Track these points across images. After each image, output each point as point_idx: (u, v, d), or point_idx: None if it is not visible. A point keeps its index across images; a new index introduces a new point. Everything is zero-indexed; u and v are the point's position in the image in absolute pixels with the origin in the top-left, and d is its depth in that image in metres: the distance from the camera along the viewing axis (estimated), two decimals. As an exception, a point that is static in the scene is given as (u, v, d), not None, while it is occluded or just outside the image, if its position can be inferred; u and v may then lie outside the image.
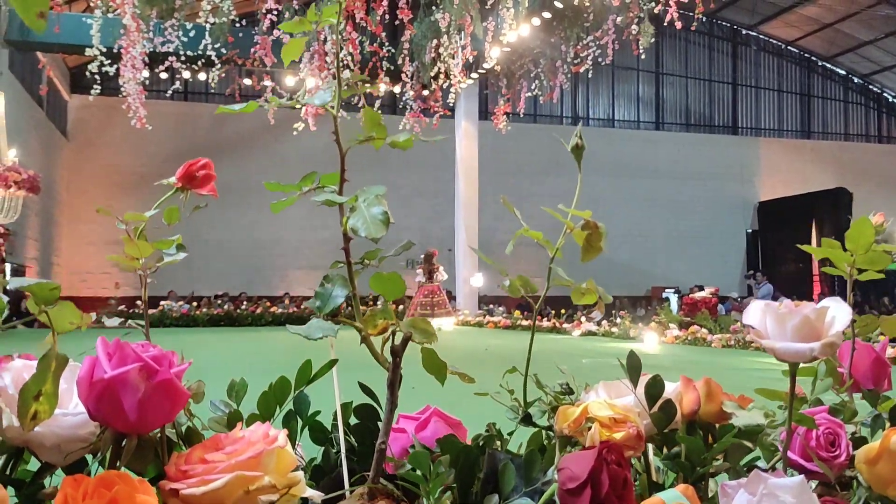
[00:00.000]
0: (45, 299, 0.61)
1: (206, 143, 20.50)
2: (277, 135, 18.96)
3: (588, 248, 0.87)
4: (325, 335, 0.76)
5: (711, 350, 7.04)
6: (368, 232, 0.77)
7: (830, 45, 24.79)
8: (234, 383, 0.88)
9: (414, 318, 0.83)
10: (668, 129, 25.12)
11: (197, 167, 0.81)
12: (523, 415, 0.93)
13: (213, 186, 0.83)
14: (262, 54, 11.75)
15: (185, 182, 0.81)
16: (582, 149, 0.96)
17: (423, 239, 22.00)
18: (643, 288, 22.88)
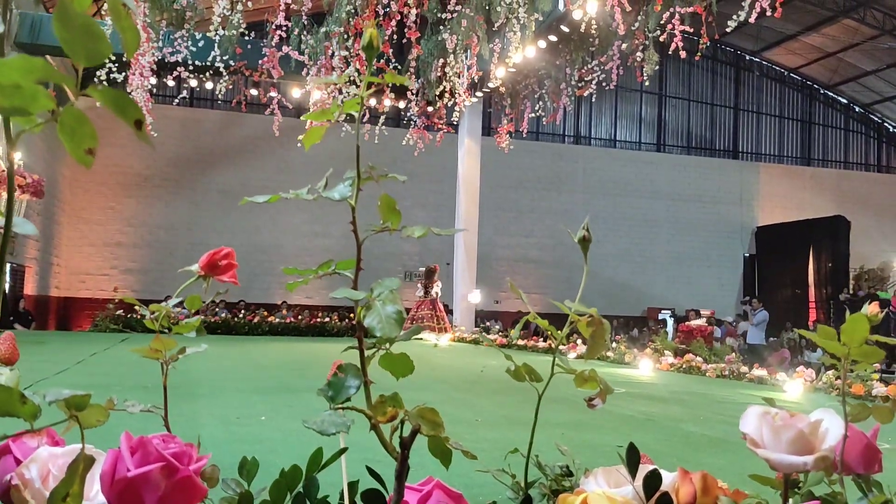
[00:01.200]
0: (77, 406, 0.64)
1: (210, 148, 20.57)
2: (283, 141, 19.00)
3: (593, 344, 0.90)
4: (338, 431, 0.78)
5: (706, 380, 7.05)
6: (384, 332, 0.80)
7: (833, 74, 24.95)
8: (245, 462, 0.90)
9: (422, 409, 0.86)
10: (669, 151, 25.22)
11: (220, 256, 0.84)
12: (524, 497, 0.96)
13: (234, 273, 0.86)
14: (270, 67, 11.82)
15: (207, 270, 0.84)
16: (589, 241, 0.99)
17: (423, 252, 22.04)
18: (639, 308, 22.92)
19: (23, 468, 0.72)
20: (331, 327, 14.29)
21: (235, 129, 20.68)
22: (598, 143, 24.74)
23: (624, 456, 0.89)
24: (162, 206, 20.32)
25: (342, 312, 15.84)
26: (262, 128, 19.72)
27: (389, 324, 0.79)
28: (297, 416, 3.26)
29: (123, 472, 0.69)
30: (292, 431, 2.67)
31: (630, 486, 0.90)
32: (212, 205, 20.18)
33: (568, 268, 22.83)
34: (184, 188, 20.43)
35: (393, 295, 0.84)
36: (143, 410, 0.80)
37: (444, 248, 21.47)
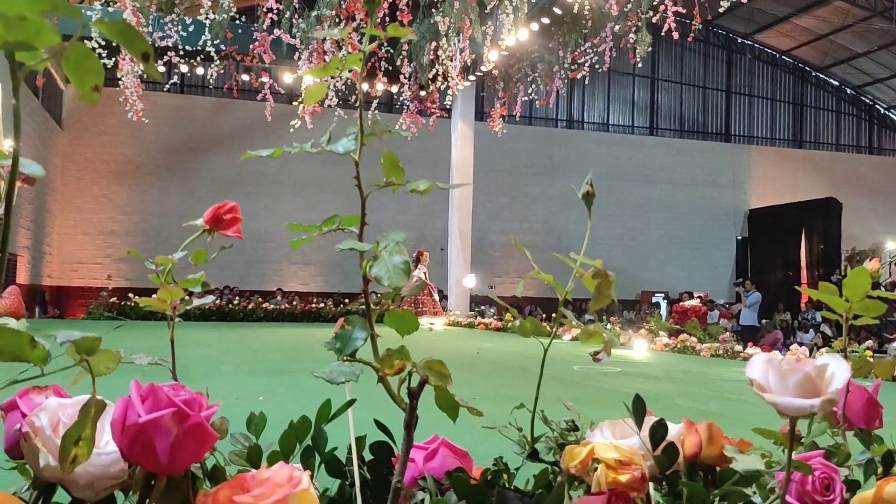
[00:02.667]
0: (88, 350, 0.64)
1: (202, 135, 20.46)
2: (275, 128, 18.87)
3: (598, 296, 0.90)
4: (347, 380, 0.78)
5: (700, 359, 7.09)
6: (391, 282, 0.80)
7: (824, 56, 24.95)
8: (254, 416, 0.90)
9: (430, 361, 0.86)
10: (661, 135, 25.22)
11: (224, 210, 0.83)
12: (530, 451, 0.96)
13: (238, 228, 0.85)
14: (261, 51, 11.74)
15: (212, 224, 0.83)
16: (592, 196, 0.99)
17: (418, 237, 22.01)
18: (633, 292, 22.99)
19: (32, 417, 0.71)
20: (325, 313, 14.29)
21: (227, 115, 20.57)
22: (590, 127, 24.72)
23: (632, 407, 0.89)
24: (155, 194, 20.23)
25: (336, 298, 15.85)
26: (253, 114, 19.60)
27: (396, 273, 0.79)
28: (293, 395, 3.26)
29: (134, 419, 0.69)
30: (289, 410, 2.68)
31: (636, 436, 0.90)
32: (205, 192, 20.09)
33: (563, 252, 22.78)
34: (176, 175, 20.33)
35: (399, 247, 0.84)
36: (150, 363, 0.80)
37: (439, 233, 21.46)
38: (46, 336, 0.62)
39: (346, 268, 21.42)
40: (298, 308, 14.30)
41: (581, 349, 8.69)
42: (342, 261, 21.46)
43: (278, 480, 0.73)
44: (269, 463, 0.83)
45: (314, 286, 21.20)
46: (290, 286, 20.48)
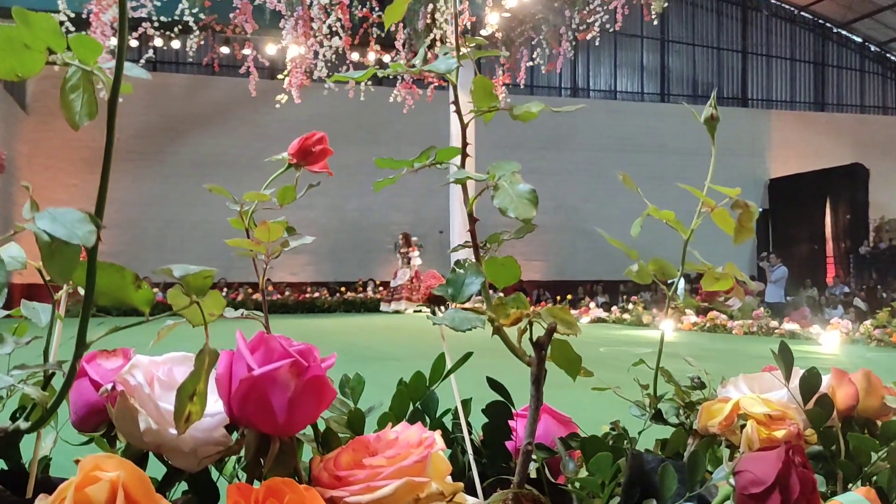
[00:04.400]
0: (199, 289, 0.58)
1: (179, 115, 20.30)
2: (258, 106, 18.79)
3: (741, 229, 0.85)
4: (473, 327, 0.74)
5: (733, 337, 7.08)
6: (518, 212, 0.75)
7: (846, 11, 24.83)
8: (348, 379, 0.86)
9: (553, 307, 0.81)
10: (674, 101, 25.11)
11: (312, 141, 0.78)
12: (654, 411, 0.92)
13: (326, 164, 0.80)
14: (243, 20, 11.60)
15: (299, 158, 0.78)
16: (716, 120, 0.94)
17: (415, 220, 21.96)
18: (647, 271, 23.02)
19: (126, 375, 0.66)
20: (321, 303, 14.27)
21: (206, 93, 20.40)
22: (597, 95, 24.61)
23: (778, 354, 0.84)
24: (129, 182, 20.09)
25: (332, 287, 15.81)
26: (235, 91, 19.45)
27: (523, 204, 0.74)
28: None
29: (245, 372, 0.64)
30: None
31: (785, 388, 0.85)
32: (184, 178, 19.97)
33: (572, 232, 22.84)
34: (152, 161, 20.19)
35: (517, 176, 0.79)
36: (242, 317, 0.75)
37: (438, 215, 21.39)
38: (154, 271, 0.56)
39: (338, 255, 21.36)
40: (291, 299, 14.27)
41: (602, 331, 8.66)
42: (334, 248, 21.41)
43: (409, 441, 0.68)
44: (379, 427, 0.78)
45: (305, 276, 21.14)
46: (279, 276, 20.43)
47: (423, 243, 22.33)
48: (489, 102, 0.89)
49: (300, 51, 12.55)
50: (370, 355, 5.45)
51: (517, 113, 0.85)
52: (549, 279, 21.77)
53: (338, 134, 17.93)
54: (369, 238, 21.44)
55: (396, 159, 0.88)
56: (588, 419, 1.10)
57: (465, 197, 0.86)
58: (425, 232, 22.23)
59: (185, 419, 0.59)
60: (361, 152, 20.73)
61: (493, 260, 0.91)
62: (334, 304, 14.33)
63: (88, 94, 0.57)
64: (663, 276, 0.91)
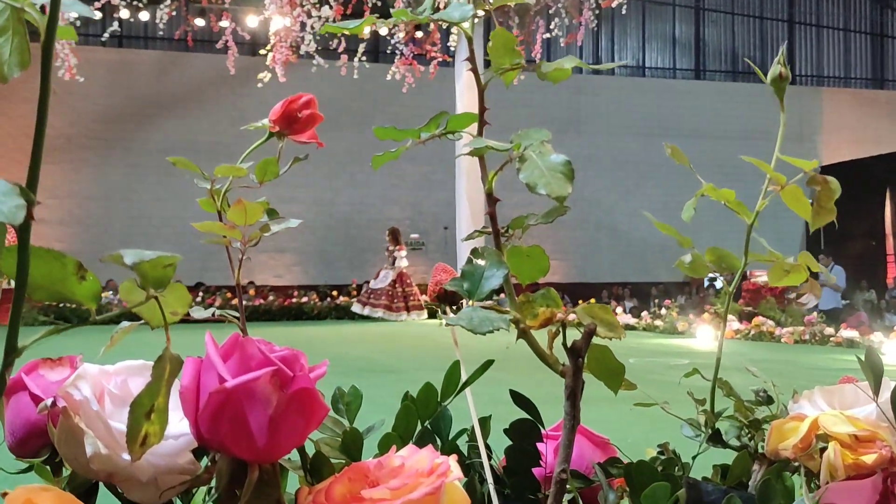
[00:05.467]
0: (158, 280, 0.53)
1: (146, 96, 20.30)
2: (235, 87, 18.80)
3: (819, 210, 0.80)
4: (494, 328, 0.69)
5: (782, 346, 7.03)
6: (550, 189, 0.70)
7: (908, -25, 24.75)
8: (343, 393, 0.81)
9: (591, 306, 0.76)
10: (710, 79, 25.05)
11: (298, 105, 0.73)
12: (711, 432, 0.87)
13: (315, 133, 0.75)
14: (220, -13, 11.59)
15: (282, 125, 0.73)
16: (786, 80, 0.89)
17: (415, 216, 21.96)
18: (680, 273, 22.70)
19: (69, 388, 0.61)
20: (309, 309, 14.25)
21: (178, 72, 20.40)
22: (623, 72, 24.55)
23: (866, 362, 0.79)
24: (91, 173, 20.12)
25: (322, 290, 15.78)
26: (210, 70, 19.44)
27: (556, 178, 0.69)
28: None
29: (216, 384, 0.59)
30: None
31: (873, 403, 0.80)
32: (153, 168, 19.98)
33: (593, 227, 22.80)
34: (117, 149, 20.21)
35: (548, 146, 0.74)
36: (214, 318, 0.70)
37: (441, 209, 21.36)
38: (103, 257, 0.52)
39: (327, 256, 21.38)
40: (276, 304, 14.26)
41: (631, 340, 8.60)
42: (323, 248, 21.42)
43: (417, 468, 0.63)
44: (381, 451, 0.73)
45: (290, 278, 21.15)
46: (262, 279, 20.43)
47: (424, 241, 22.39)
48: (511, 59, 0.84)
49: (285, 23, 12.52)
50: (365, 367, 5.42)
51: (546, 71, 0.80)
52: (568, 281, 21.72)
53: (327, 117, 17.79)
54: (363, 236, 21.40)
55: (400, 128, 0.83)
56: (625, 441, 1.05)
57: (483, 174, 0.81)
58: (427, 228, 22.23)
59: (140, 442, 0.54)
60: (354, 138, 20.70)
61: (517, 250, 0.87)
62: (324, 309, 14.30)
63: (19, 37, 0.52)
64: (723, 268, 0.86)
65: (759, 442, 0.86)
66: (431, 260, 21.73)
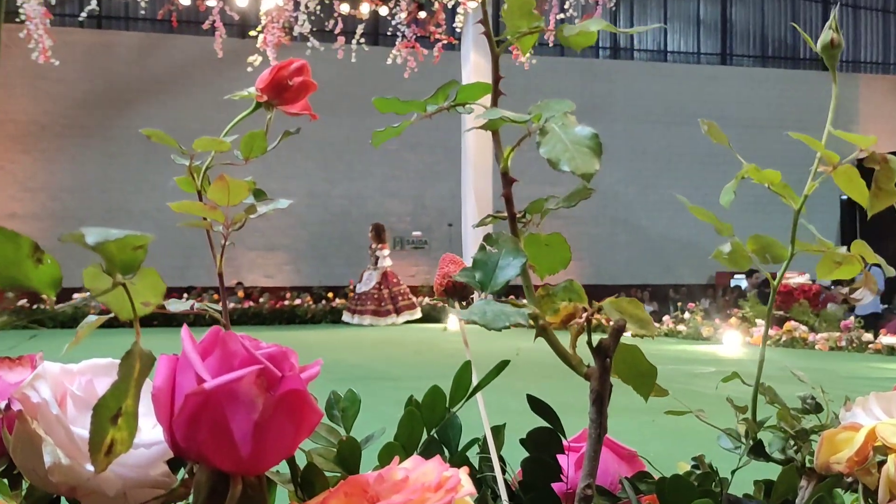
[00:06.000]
0: (126, 265, 0.50)
1: (127, 81, 20.32)
2: (222, 70, 18.75)
3: (878, 193, 0.76)
4: (511, 323, 0.66)
5: (816, 354, 7.00)
6: (575, 165, 0.67)
7: (953, -49, 24.67)
8: (338, 398, 0.78)
9: (620, 300, 0.73)
10: (737, 63, 25.00)
11: (289, 71, 0.70)
12: (753, 443, 0.84)
13: (307, 104, 0.72)
14: (207, -38, 11.58)
15: (271, 94, 0.70)
16: (838, 48, 0.86)
17: (416, 209, 21.97)
18: (704, 273, 22.89)
19: (26, 389, 0.58)
20: (302, 312, 14.26)
21: (161, 54, 20.41)
22: (643, 56, 24.52)
23: None
24: (67, 163, 20.14)
25: (317, 292, 15.78)
26: (196, 52, 19.45)
27: (582, 153, 0.66)
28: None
29: (192, 385, 0.56)
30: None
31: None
32: (132, 157, 20.00)
33: (609, 223, 22.78)
34: (94, 138, 20.23)
35: (570, 118, 0.71)
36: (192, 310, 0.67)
37: (445, 204, 21.37)
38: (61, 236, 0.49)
39: (322, 254, 21.37)
40: (267, 307, 14.26)
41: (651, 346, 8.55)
42: (317, 245, 21.42)
43: (424, 482, 0.60)
44: (381, 462, 0.71)
45: (282, 279, 21.16)
46: (251, 279, 20.44)
47: (427, 239, 22.37)
48: (528, 22, 0.80)
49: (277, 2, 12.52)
50: (362, 375, 5.40)
51: (569, 34, 0.77)
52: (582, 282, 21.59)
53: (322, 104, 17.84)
54: (360, 232, 21.32)
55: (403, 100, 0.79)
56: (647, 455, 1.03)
57: (497, 150, 0.78)
58: (430, 224, 22.22)
59: (105, 450, 0.51)
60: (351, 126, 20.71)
61: (535, 238, 0.84)
62: (319, 312, 14.30)
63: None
64: (767, 258, 0.82)
65: (806, 455, 0.83)
66: (434, 259, 21.71)
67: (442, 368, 5.52)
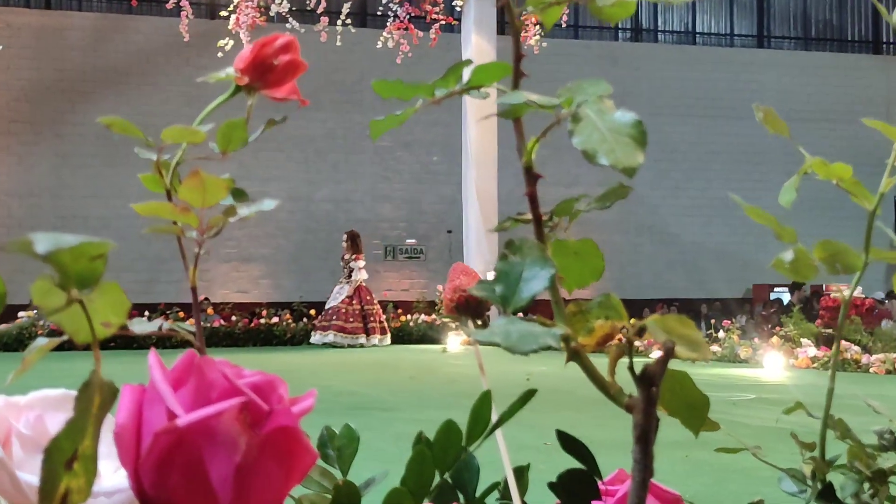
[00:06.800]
0: (83, 277, 0.48)
1: (81, 69, 20.38)
2: (189, 56, 18.84)
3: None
4: (539, 347, 0.63)
5: (871, 378, 6.99)
6: (616, 159, 0.65)
7: None
8: (333, 434, 0.77)
9: (666, 317, 0.71)
10: (775, 47, 25.08)
11: (274, 49, 0.68)
12: (822, 487, 0.82)
13: (296, 87, 0.70)
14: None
15: (253, 77, 0.68)
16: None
17: (410, 215, 21.98)
18: (740, 287, 22.91)
19: (-38, 426, 0.56)
20: (281, 332, 14.26)
21: (118, 39, 20.47)
22: (668, 39, 24.59)
23: None
24: (13, 164, 20.18)
25: (297, 309, 15.79)
26: (159, 36, 19.51)
27: (623, 144, 0.65)
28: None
29: (162, 421, 0.54)
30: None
31: None
32: (88, 157, 20.06)
33: (633, 230, 22.81)
34: (44, 135, 20.28)
35: (608, 102, 0.69)
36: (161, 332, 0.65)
37: (443, 208, 21.39)
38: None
39: (304, 266, 21.38)
40: (240, 326, 14.26)
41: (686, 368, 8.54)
42: (299, 256, 21.44)
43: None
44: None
45: (258, 294, 21.18)
46: (223, 294, 20.45)
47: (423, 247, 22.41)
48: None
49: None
50: (352, 404, 5.39)
51: (603, 4, 0.74)
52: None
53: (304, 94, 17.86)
54: (349, 239, 21.44)
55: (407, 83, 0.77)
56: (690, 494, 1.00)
57: (520, 142, 0.75)
58: (427, 232, 22.26)
59: (59, 501, 0.49)
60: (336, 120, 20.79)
61: (562, 245, 0.82)
62: (300, 332, 14.30)
63: None
64: (837, 268, 0.80)
65: (884, 500, 0.81)
66: (431, 271, 21.74)
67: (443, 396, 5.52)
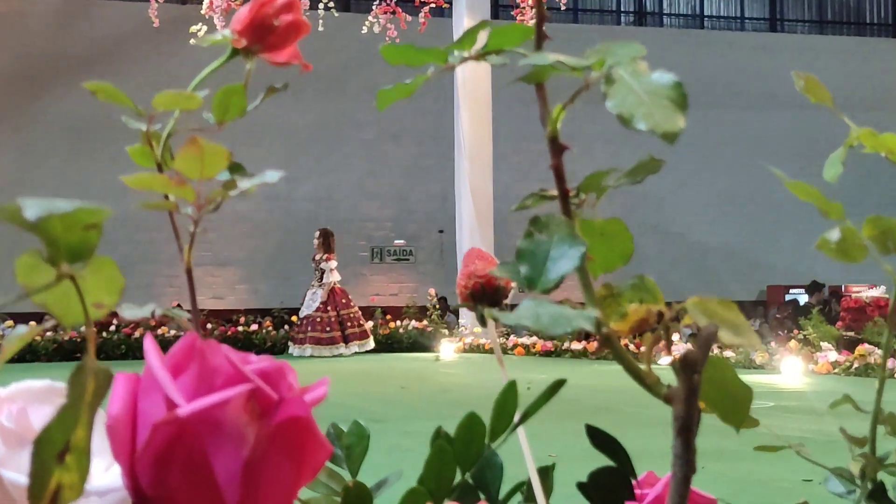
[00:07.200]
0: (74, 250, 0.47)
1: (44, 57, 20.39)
2: (159, 43, 18.85)
3: None
4: (572, 329, 0.62)
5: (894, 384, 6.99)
6: (655, 123, 0.64)
7: None
8: (341, 432, 0.76)
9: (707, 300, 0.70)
10: (789, 31, 25.18)
11: (275, 8, 0.66)
12: (873, 487, 0.81)
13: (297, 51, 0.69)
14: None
15: (251, 38, 0.67)
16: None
17: (398, 213, 22.01)
18: (753, 288, 23.00)
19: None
20: (260, 340, 14.28)
21: (85, 25, 20.49)
22: (674, 23, 24.68)
23: None
24: (-30, 159, 20.17)
25: (277, 315, 15.78)
26: (127, 22, 19.51)
27: (661, 106, 0.64)
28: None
29: (160, 412, 0.53)
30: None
31: None
32: (54, 149, 20.06)
33: (636, 228, 22.29)
34: (4, 126, 20.26)
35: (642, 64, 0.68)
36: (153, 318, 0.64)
37: (434, 206, 21.40)
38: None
39: (284, 269, 21.37)
40: (216, 334, 14.23)
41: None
42: (278, 258, 21.43)
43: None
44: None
45: (235, 300, 21.18)
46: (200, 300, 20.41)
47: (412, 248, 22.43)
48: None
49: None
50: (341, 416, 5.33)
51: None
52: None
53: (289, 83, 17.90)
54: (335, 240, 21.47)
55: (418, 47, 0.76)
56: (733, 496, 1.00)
57: (543, 110, 0.74)
58: (416, 231, 22.29)
59: (50, 499, 0.47)
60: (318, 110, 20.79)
61: (588, 225, 0.81)
62: (281, 340, 14.31)
63: None
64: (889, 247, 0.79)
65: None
66: (421, 274, 21.78)
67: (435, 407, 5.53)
